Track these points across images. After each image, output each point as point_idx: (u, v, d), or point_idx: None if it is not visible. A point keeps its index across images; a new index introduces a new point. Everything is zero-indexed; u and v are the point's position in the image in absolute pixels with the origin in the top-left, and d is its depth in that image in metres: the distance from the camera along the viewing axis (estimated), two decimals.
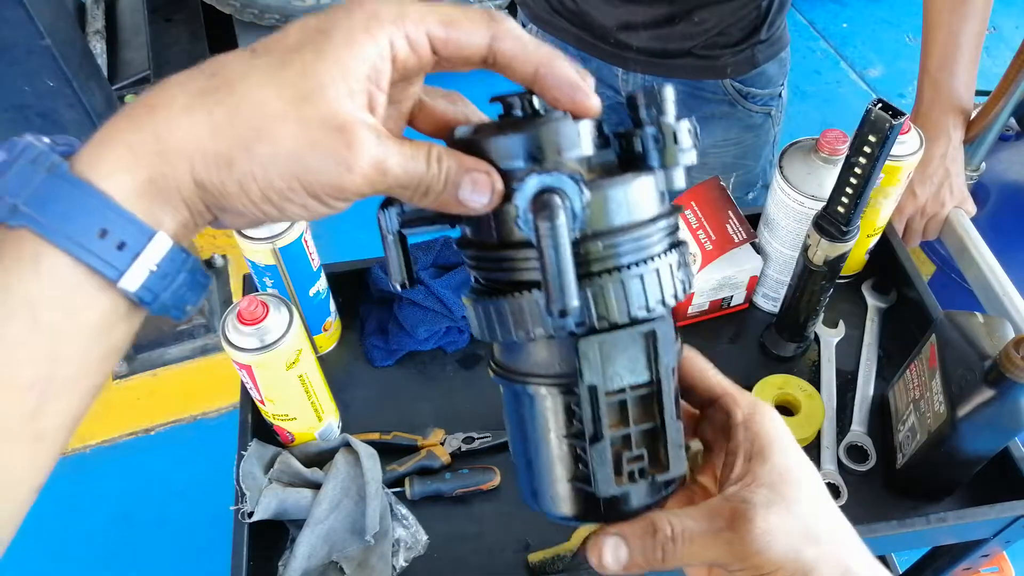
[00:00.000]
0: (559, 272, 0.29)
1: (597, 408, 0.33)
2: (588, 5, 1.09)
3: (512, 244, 0.33)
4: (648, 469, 0.35)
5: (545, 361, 0.35)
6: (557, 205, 0.29)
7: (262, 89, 0.30)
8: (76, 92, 1.41)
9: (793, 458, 0.37)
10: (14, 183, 0.29)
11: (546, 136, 0.33)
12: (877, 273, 1.00)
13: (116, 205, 0.29)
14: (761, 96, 1.15)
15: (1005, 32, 2.90)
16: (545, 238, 0.29)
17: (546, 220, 0.29)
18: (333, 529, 0.79)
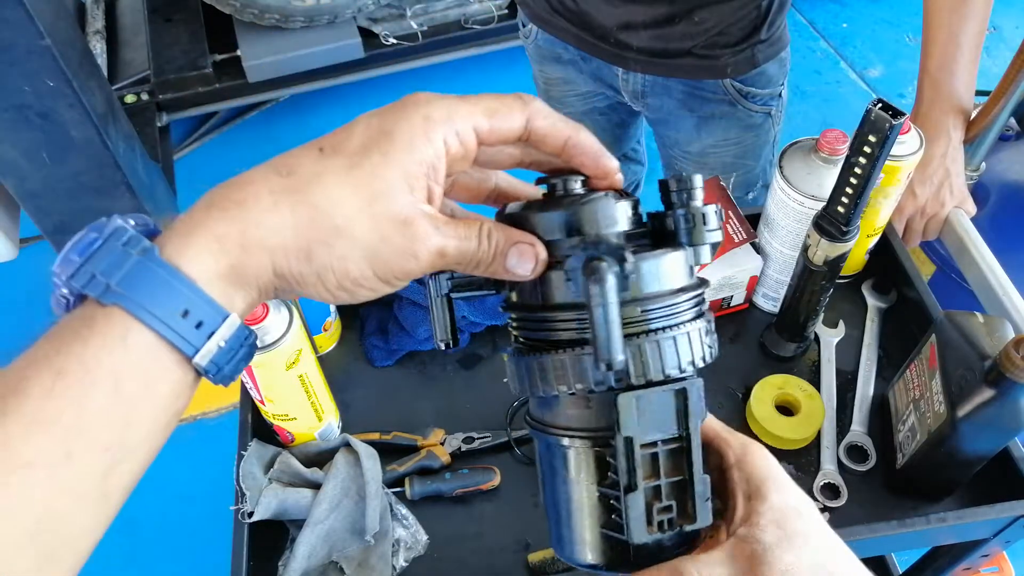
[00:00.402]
0: (607, 329, 0.33)
1: (632, 459, 0.36)
2: (588, 5, 1.09)
3: (557, 307, 0.38)
4: (676, 520, 0.37)
5: (582, 416, 0.39)
6: (606, 269, 0.33)
7: (337, 190, 0.34)
8: (76, 92, 1.41)
9: (790, 493, 0.39)
10: (108, 264, 0.32)
11: (590, 213, 0.38)
12: (877, 273, 1.00)
13: (199, 289, 0.33)
14: (761, 96, 1.15)
15: (1005, 32, 2.90)
16: (596, 298, 0.33)
17: (596, 283, 0.33)
18: (333, 529, 0.79)
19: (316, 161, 0.35)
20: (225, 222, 0.33)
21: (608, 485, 0.38)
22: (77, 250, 0.33)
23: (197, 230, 0.33)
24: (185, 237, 0.33)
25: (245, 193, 0.34)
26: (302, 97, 2.68)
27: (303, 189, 0.34)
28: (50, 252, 1.82)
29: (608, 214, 0.38)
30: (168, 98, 2.36)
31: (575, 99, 1.30)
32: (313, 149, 0.35)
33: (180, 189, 2.28)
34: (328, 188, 0.34)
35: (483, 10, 2.52)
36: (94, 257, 0.32)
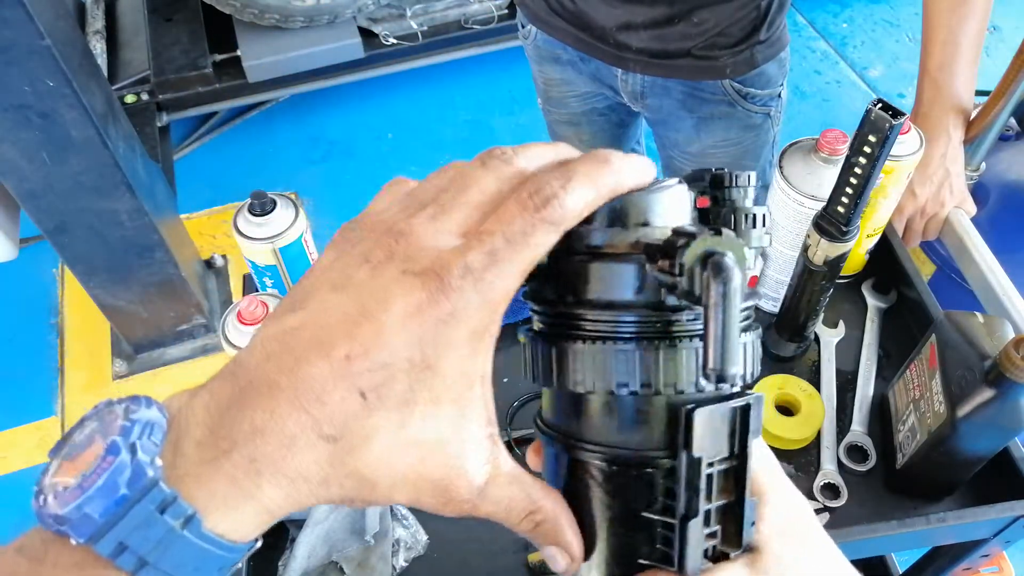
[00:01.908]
0: (726, 336, 0.28)
1: (698, 482, 0.32)
2: (587, 5, 1.09)
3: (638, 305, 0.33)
4: (719, 546, 0.34)
5: (632, 433, 0.34)
6: (731, 267, 0.28)
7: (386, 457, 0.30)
8: (76, 92, 1.41)
9: (791, 502, 0.37)
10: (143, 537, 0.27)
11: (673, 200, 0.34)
12: (877, 273, 1.00)
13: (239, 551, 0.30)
14: (761, 96, 1.15)
15: (1005, 32, 2.90)
16: (717, 300, 0.28)
17: (721, 283, 0.28)
18: (333, 529, 0.79)
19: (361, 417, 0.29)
20: (278, 498, 0.30)
21: (657, 511, 0.34)
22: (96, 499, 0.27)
23: (248, 503, 0.29)
24: (233, 509, 0.29)
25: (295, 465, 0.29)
26: (302, 97, 2.68)
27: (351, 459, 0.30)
28: (50, 252, 1.82)
29: (675, 209, 0.34)
30: (168, 98, 2.36)
31: (574, 100, 1.30)
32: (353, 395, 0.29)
33: (180, 189, 2.28)
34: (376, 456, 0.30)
35: (483, 10, 2.52)
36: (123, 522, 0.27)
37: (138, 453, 0.28)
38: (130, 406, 0.30)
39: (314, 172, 2.59)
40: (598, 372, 0.33)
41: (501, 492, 0.33)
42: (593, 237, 0.33)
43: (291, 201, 0.84)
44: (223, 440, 0.29)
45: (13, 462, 1.90)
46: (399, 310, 0.29)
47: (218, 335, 0.76)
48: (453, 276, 0.29)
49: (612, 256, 0.33)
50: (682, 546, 0.32)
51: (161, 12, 2.50)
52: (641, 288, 0.33)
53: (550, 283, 0.35)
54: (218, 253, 2.25)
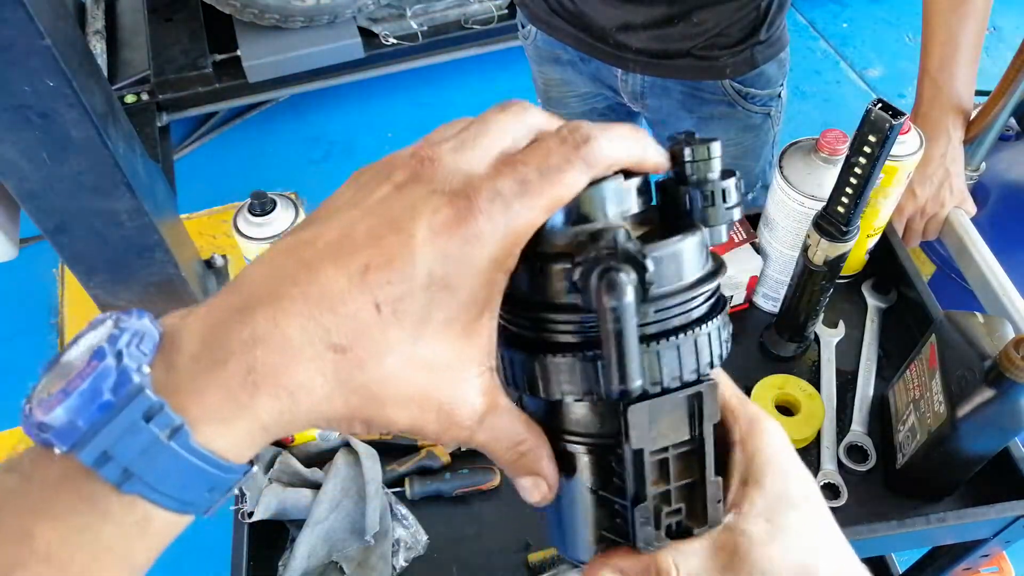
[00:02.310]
0: (624, 352, 0.28)
1: (641, 470, 0.33)
2: (587, 6, 1.09)
3: (561, 307, 0.33)
4: (686, 522, 0.35)
5: (584, 419, 0.35)
6: (624, 282, 0.28)
7: (395, 373, 0.29)
8: (76, 92, 1.41)
9: (791, 480, 0.36)
10: (127, 447, 0.26)
11: (596, 199, 0.33)
12: (877, 273, 1.00)
13: (229, 469, 0.29)
14: (760, 96, 1.15)
15: (1005, 32, 2.90)
16: (611, 315, 0.28)
17: (613, 299, 0.28)
18: (333, 529, 0.79)
19: (375, 329, 0.28)
20: (275, 412, 0.28)
21: (613, 491, 0.35)
22: (79, 404, 0.26)
23: (242, 417, 0.28)
24: (227, 423, 0.28)
25: (296, 377, 0.28)
26: (302, 97, 2.68)
27: (359, 373, 0.29)
28: (50, 252, 1.82)
29: (616, 199, 0.33)
30: (168, 98, 2.36)
31: (574, 100, 1.30)
32: (368, 305, 0.28)
33: (180, 189, 2.28)
34: (387, 371, 0.29)
35: (483, 10, 2.52)
36: (107, 429, 0.26)
37: (124, 359, 0.27)
38: (121, 316, 0.29)
39: (314, 172, 2.59)
40: (548, 381, 0.34)
41: (498, 422, 0.33)
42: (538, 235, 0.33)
43: (291, 201, 0.84)
44: (218, 351, 0.28)
45: None
46: (426, 224, 0.28)
47: None
48: (482, 199, 0.29)
49: (549, 257, 0.33)
50: (633, 526, 0.34)
51: (161, 12, 2.50)
52: (571, 288, 0.32)
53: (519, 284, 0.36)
54: (218, 253, 2.24)
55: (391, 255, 0.28)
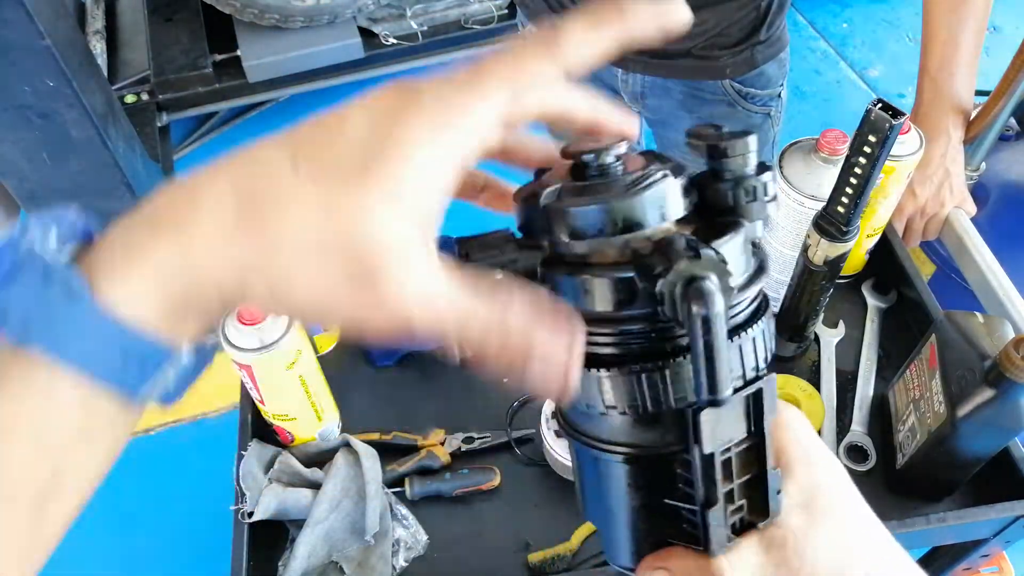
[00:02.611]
0: (716, 364, 0.28)
1: (712, 474, 0.33)
2: (587, 5, 1.09)
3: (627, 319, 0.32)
4: (748, 517, 0.35)
5: (645, 431, 0.35)
6: (712, 291, 0.28)
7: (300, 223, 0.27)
8: (76, 92, 1.41)
9: (821, 472, 0.36)
10: (25, 303, 0.26)
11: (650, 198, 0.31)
12: (877, 273, 1.00)
13: (139, 329, 0.27)
14: (760, 96, 1.15)
15: (1005, 32, 2.90)
16: (702, 327, 0.28)
17: (704, 309, 0.28)
18: (333, 529, 0.79)
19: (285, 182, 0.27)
20: (171, 255, 0.27)
21: (679, 498, 0.35)
22: None
23: (138, 260, 0.27)
24: (124, 268, 0.27)
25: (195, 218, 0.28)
26: (302, 97, 2.68)
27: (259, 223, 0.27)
28: None
29: (673, 197, 0.32)
30: (168, 98, 2.36)
31: None
32: (285, 160, 0.28)
33: None
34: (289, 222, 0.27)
35: (483, 10, 2.52)
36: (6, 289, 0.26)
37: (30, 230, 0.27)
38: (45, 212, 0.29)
39: None
40: (609, 396, 0.33)
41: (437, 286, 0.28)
42: (579, 246, 0.32)
43: None
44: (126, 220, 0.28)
45: None
46: (361, 102, 0.29)
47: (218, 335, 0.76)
48: (429, 83, 0.28)
49: (601, 267, 0.32)
50: (705, 531, 0.34)
51: (161, 12, 2.50)
52: (634, 299, 0.32)
53: None
54: None
55: (321, 123, 0.29)
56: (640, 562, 0.37)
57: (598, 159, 0.33)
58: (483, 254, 0.33)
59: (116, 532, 1.78)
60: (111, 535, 1.77)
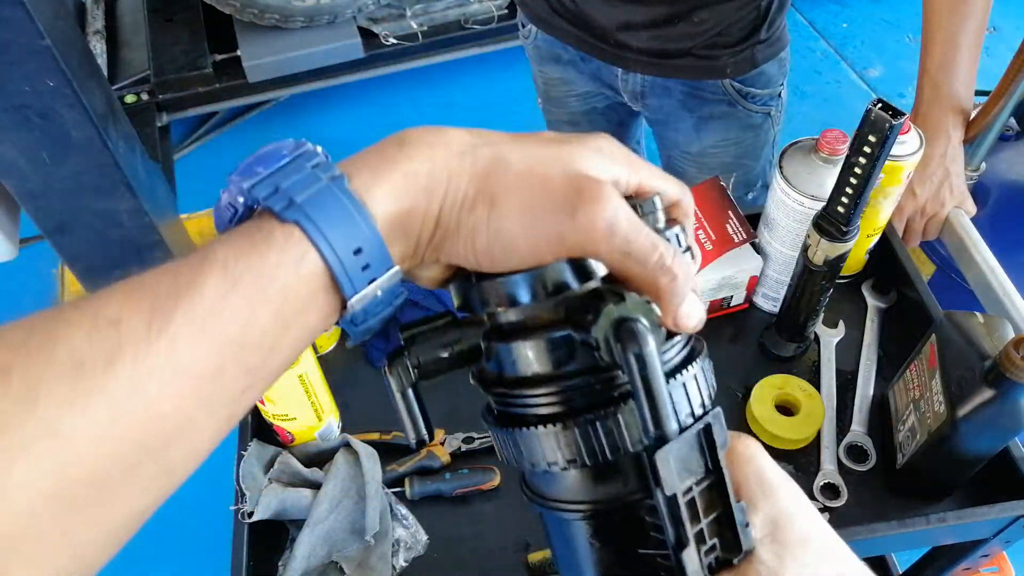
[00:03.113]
0: (657, 399, 0.29)
1: (678, 514, 0.33)
2: (588, 5, 1.09)
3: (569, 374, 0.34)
4: (722, 555, 0.35)
5: (602, 483, 0.35)
6: (642, 330, 0.29)
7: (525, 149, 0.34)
8: (76, 92, 1.41)
9: (783, 500, 0.36)
10: (295, 182, 0.31)
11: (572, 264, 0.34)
12: (877, 273, 1.00)
13: (375, 229, 0.32)
14: (761, 96, 1.15)
15: (1005, 32, 2.90)
16: (636, 366, 0.29)
17: (636, 347, 0.29)
18: (333, 529, 0.79)
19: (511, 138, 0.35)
20: (417, 162, 0.33)
21: (651, 546, 0.35)
22: (263, 162, 0.32)
23: (388, 166, 0.33)
24: (375, 172, 0.33)
25: (439, 139, 0.34)
26: (302, 97, 2.68)
27: (494, 143, 0.34)
28: (50, 252, 1.82)
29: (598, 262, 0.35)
30: (168, 98, 2.36)
31: (574, 99, 1.30)
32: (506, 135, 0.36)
33: (180, 189, 2.28)
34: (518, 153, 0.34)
35: (483, 10, 2.52)
36: (281, 171, 0.32)
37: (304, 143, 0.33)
38: None
39: None
40: (558, 450, 0.34)
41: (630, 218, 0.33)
42: (514, 313, 0.34)
43: None
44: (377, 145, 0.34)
45: None
46: None
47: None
48: None
49: (537, 330, 0.33)
50: (682, 574, 0.33)
51: (161, 12, 2.50)
52: (574, 355, 0.34)
53: (490, 364, 0.36)
54: None
55: None
56: None
57: None
58: (427, 342, 0.36)
59: None
60: None
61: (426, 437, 0.37)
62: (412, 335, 0.36)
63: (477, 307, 0.36)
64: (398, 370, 0.36)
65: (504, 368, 0.35)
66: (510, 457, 0.36)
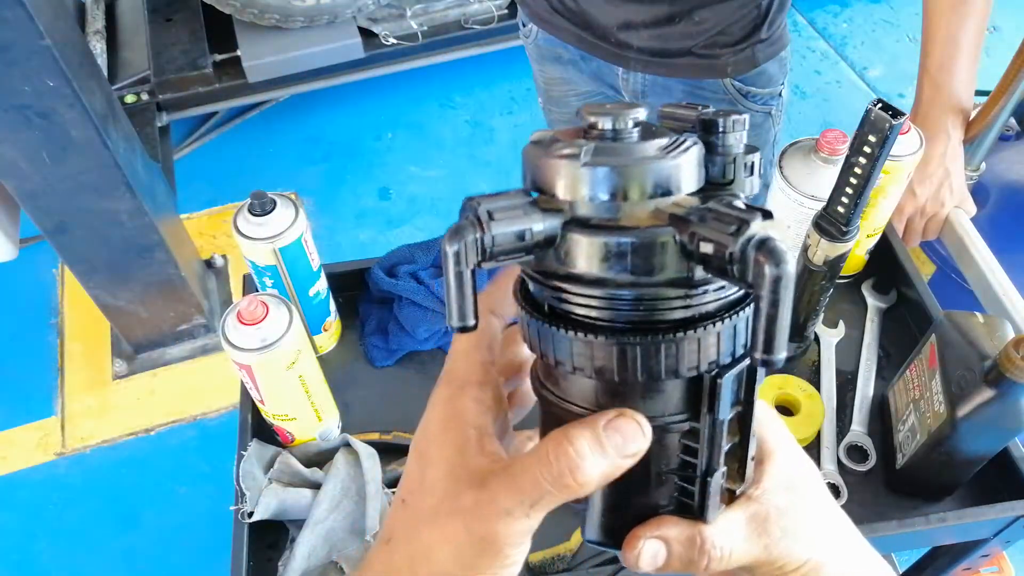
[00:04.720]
0: (779, 326, 0.28)
1: (720, 441, 0.34)
2: (588, 4, 1.09)
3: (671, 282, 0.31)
4: (725, 485, 0.36)
5: (660, 403, 0.34)
6: (784, 251, 0.27)
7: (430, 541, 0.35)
8: (76, 92, 1.41)
9: (796, 459, 0.39)
10: None
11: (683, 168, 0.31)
12: (877, 273, 1.00)
13: None
14: (761, 95, 1.15)
15: (1005, 32, 2.90)
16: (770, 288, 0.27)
17: (777, 270, 0.27)
18: (333, 529, 0.79)
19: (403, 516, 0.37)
20: None
21: (676, 468, 0.35)
22: None
23: None
24: None
25: None
26: (302, 97, 2.68)
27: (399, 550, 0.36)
28: (50, 252, 1.82)
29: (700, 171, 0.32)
30: (168, 98, 2.36)
31: (575, 99, 1.30)
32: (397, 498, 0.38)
33: (180, 189, 2.28)
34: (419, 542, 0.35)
35: (483, 10, 2.52)
36: None
37: None
38: None
39: (314, 172, 2.59)
40: (631, 363, 0.32)
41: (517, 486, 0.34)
42: (605, 208, 0.31)
43: (291, 201, 0.84)
44: None
45: (13, 462, 1.90)
46: None
47: (218, 335, 0.76)
48: None
49: (632, 230, 0.30)
50: (703, 498, 0.34)
51: (161, 12, 2.49)
52: (666, 265, 0.31)
53: (560, 256, 0.33)
54: (218, 253, 2.25)
55: None
56: (624, 536, 0.37)
57: (622, 123, 0.32)
58: (506, 221, 0.31)
59: (116, 532, 1.78)
60: (111, 535, 1.78)
61: (472, 323, 0.32)
62: (490, 210, 0.31)
63: (566, 190, 0.32)
64: (464, 245, 0.30)
65: (581, 265, 0.32)
66: (549, 352, 0.33)
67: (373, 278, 0.97)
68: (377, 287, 0.97)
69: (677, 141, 0.32)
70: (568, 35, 1.16)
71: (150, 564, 1.73)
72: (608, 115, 0.32)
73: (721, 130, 0.32)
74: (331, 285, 0.93)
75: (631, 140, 0.32)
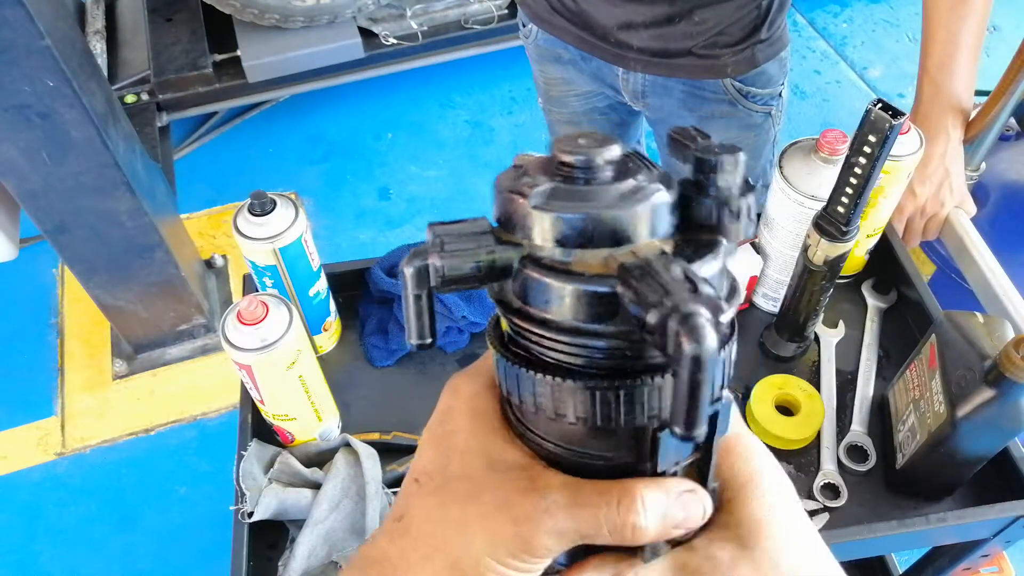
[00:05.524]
0: (699, 402, 0.27)
1: None
2: (588, 4, 1.09)
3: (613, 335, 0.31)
4: None
5: (601, 442, 0.34)
6: (709, 333, 0.26)
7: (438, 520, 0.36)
8: (76, 92, 1.41)
9: (767, 507, 0.35)
10: None
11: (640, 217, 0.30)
12: (877, 273, 1.00)
13: None
14: (761, 95, 1.15)
15: (1005, 32, 2.90)
16: (689, 366, 0.26)
17: (697, 349, 0.26)
18: (333, 529, 0.79)
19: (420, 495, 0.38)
20: None
21: None
22: None
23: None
24: None
25: None
26: (302, 97, 2.68)
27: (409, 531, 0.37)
28: (50, 252, 1.82)
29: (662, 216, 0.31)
30: (168, 98, 2.36)
31: (575, 99, 1.30)
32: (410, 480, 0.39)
33: (180, 189, 2.28)
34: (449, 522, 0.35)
35: (483, 10, 2.52)
36: None
37: None
38: None
39: (314, 172, 2.59)
40: (578, 407, 0.32)
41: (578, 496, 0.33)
42: (562, 253, 0.31)
43: (291, 201, 0.84)
44: None
45: (13, 462, 1.90)
46: None
47: (218, 335, 0.76)
48: None
49: (582, 277, 0.30)
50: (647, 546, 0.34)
51: (161, 12, 2.49)
52: (613, 316, 0.31)
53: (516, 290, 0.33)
54: (218, 253, 2.25)
55: None
56: None
57: (589, 162, 0.31)
58: (459, 245, 0.31)
59: (116, 532, 1.78)
60: (111, 535, 1.78)
61: (429, 341, 0.34)
62: (442, 238, 0.32)
63: (520, 230, 0.32)
64: (420, 270, 0.32)
65: (532, 302, 0.32)
66: (511, 387, 0.34)
67: (373, 278, 0.97)
68: (377, 287, 0.97)
69: (639, 186, 0.31)
70: (568, 35, 1.16)
71: (150, 564, 1.73)
72: (576, 153, 0.31)
73: (711, 170, 0.31)
74: (331, 285, 0.93)
75: (597, 181, 0.31)
